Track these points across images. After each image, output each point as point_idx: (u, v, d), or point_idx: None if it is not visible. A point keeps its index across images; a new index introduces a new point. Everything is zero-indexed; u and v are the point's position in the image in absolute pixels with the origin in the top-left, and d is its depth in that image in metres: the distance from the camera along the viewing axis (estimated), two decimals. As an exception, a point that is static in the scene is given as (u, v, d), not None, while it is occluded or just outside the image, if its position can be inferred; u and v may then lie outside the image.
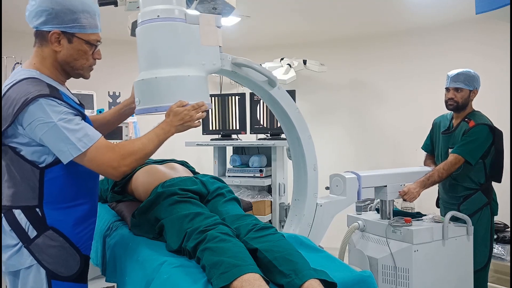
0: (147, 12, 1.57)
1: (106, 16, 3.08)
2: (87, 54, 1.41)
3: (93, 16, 1.38)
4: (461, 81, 2.55)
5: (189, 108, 1.49)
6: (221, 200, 1.72)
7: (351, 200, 2.23)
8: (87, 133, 1.30)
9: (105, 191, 2.07)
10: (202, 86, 1.61)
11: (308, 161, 2.03)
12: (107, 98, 3.60)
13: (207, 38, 1.62)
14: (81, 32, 1.36)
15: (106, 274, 1.70)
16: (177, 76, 1.54)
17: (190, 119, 1.49)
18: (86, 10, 1.36)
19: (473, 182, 2.52)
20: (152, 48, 1.58)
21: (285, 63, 4.38)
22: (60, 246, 1.36)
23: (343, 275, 1.28)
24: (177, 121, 1.47)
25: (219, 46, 1.66)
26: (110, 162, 1.32)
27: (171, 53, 1.56)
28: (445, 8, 3.81)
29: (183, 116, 1.47)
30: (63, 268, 1.36)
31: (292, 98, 2.01)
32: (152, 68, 1.56)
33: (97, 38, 1.42)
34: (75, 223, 1.40)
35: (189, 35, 1.59)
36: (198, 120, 1.52)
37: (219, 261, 1.19)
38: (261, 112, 3.34)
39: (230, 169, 3.33)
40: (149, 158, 1.46)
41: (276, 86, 1.90)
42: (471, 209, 2.50)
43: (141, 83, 1.57)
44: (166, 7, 1.56)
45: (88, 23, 1.37)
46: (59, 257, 1.35)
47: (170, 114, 1.48)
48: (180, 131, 1.50)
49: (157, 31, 1.56)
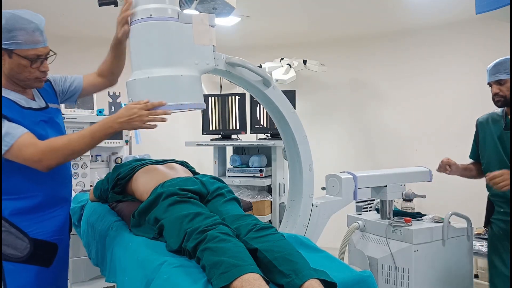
0: (139, 11, 1.56)
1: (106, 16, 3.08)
2: (28, 68, 1.53)
3: (30, 33, 1.49)
4: (502, 71, 2.15)
5: (140, 107, 1.48)
6: (221, 200, 1.72)
7: (347, 201, 2.22)
8: (8, 132, 1.44)
9: (105, 191, 2.06)
10: (195, 86, 1.60)
11: (304, 162, 2.03)
12: (107, 98, 3.60)
13: (200, 37, 1.61)
14: (18, 48, 1.49)
15: (106, 274, 1.70)
16: (169, 76, 1.53)
17: (138, 119, 1.48)
18: (22, 28, 1.48)
19: None
20: (144, 47, 1.57)
21: (285, 63, 4.38)
22: (7, 231, 1.53)
23: (343, 275, 1.28)
24: (124, 117, 1.48)
25: (212, 46, 1.65)
26: (31, 157, 1.46)
27: (163, 53, 1.55)
28: (445, 8, 3.81)
29: (131, 113, 1.48)
30: (11, 249, 1.54)
31: (292, 98, 2.01)
32: (145, 68, 1.55)
33: (36, 53, 1.52)
34: (23, 212, 1.56)
35: (182, 34, 1.58)
36: (152, 122, 1.50)
37: (219, 261, 1.19)
38: (261, 112, 3.34)
39: (230, 169, 3.33)
40: (81, 154, 1.56)
41: (270, 86, 1.89)
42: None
43: (133, 83, 1.56)
44: (158, 6, 1.55)
45: (24, 39, 1.48)
46: (6, 240, 1.53)
47: (122, 109, 1.51)
48: (125, 128, 1.53)
49: (149, 30, 1.55)
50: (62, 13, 3.79)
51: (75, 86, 1.83)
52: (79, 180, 3.54)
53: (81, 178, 3.55)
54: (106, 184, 2.07)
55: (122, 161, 3.60)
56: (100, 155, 3.73)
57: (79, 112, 3.55)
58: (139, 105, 1.49)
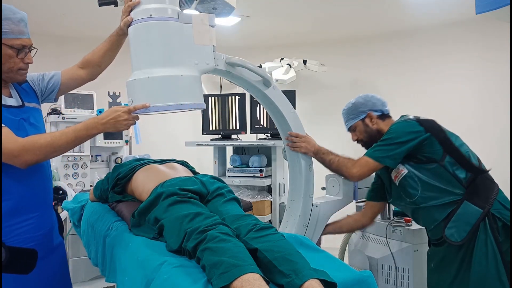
0: (139, 11, 1.56)
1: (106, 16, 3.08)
2: (13, 58, 1.53)
3: (16, 23, 1.51)
4: (347, 119, 2.10)
5: (124, 110, 1.52)
6: (221, 200, 1.72)
7: (347, 201, 2.22)
8: None
9: (105, 191, 2.06)
10: (196, 86, 1.60)
11: (304, 162, 2.03)
12: (107, 98, 3.60)
13: (200, 37, 1.61)
14: (5, 38, 1.49)
15: (106, 274, 1.70)
16: (169, 76, 1.53)
17: (123, 122, 1.52)
18: (8, 18, 1.49)
19: (450, 193, 1.81)
20: (144, 47, 1.57)
21: (285, 63, 4.38)
22: None
23: (343, 275, 1.28)
24: (108, 119, 1.51)
25: (212, 46, 1.65)
26: (10, 153, 1.43)
27: (163, 53, 1.55)
28: (445, 8, 3.81)
29: (116, 116, 1.51)
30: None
31: (292, 98, 2.00)
32: (145, 68, 1.55)
33: (22, 43, 1.53)
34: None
35: (182, 34, 1.58)
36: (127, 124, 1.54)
37: (219, 261, 1.19)
38: (261, 112, 3.34)
39: (230, 169, 3.33)
40: (62, 152, 1.54)
41: (270, 86, 1.89)
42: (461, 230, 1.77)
43: (133, 83, 1.56)
44: (158, 6, 1.55)
45: (10, 29, 1.50)
46: None
47: (107, 111, 1.53)
48: (109, 130, 1.54)
49: (149, 30, 1.55)
50: (62, 13, 3.79)
51: (53, 83, 1.80)
52: (79, 180, 3.54)
53: (81, 178, 3.55)
54: (106, 184, 2.07)
55: (122, 161, 3.60)
56: (100, 155, 3.73)
57: (79, 112, 3.55)
58: (123, 108, 1.52)
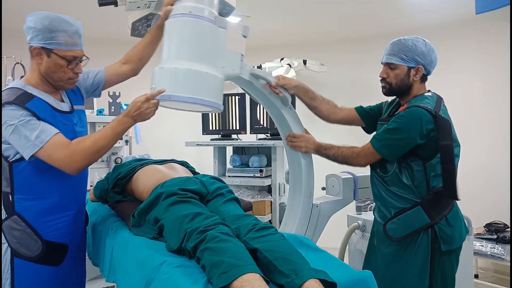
0: (179, 7, 1.65)
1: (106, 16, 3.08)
2: (64, 67, 1.59)
3: (70, 35, 1.58)
4: (396, 54, 1.95)
5: (143, 99, 1.56)
6: (221, 200, 1.72)
7: (347, 201, 2.23)
8: (43, 131, 1.49)
9: (105, 191, 2.07)
10: (218, 87, 1.64)
11: (304, 161, 2.03)
12: (107, 98, 3.60)
13: (232, 44, 1.68)
14: (58, 48, 1.56)
15: (106, 274, 1.70)
16: (196, 71, 1.58)
17: (146, 110, 1.56)
18: (64, 30, 1.57)
19: (411, 192, 1.75)
20: (178, 40, 1.64)
21: (285, 63, 4.39)
22: (22, 231, 1.58)
23: (343, 275, 1.28)
24: (134, 111, 1.57)
25: (241, 55, 1.71)
26: (62, 159, 1.51)
27: (195, 49, 1.61)
28: (445, 8, 3.82)
29: (138, 107, 1.56)
30: (24, 249, 1.58)
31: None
32: (174, 59, 1.61)
33: (74, 55, 1.60)
34: (40, 213, 1.60)
35: (215, 37, 1.64)
36: (151, 112, 1.59)
37: (219, 261, 1.19)
38: (261, 112, 3.34)
39: (230, 169, 3.33)
40: (105, 152, 1.59)
41: (288, 106, 1.96)
42: (400, 230, 1.76)
43: (160, 71, 1.60)
44: (198, 5, 1.63)
45: (65, 41, 1.57)
46: (21, 239, 1.58)
47: (130, 105, 1.58)
48: (139, 120, 1.60)
49: (186, 25, 1.62)
50: (62, 13, 3.78)
51: (97, 80, 1.87)
52: (79, 180, 3.54)
53: (81, 178, 3.55)
54: (106, 184, 2.07)
55: (122, 161, 3.60)
56: (100, 155, 3.72)
57: (79, 112, 3.54)
58: (141, 97, 1.57)
